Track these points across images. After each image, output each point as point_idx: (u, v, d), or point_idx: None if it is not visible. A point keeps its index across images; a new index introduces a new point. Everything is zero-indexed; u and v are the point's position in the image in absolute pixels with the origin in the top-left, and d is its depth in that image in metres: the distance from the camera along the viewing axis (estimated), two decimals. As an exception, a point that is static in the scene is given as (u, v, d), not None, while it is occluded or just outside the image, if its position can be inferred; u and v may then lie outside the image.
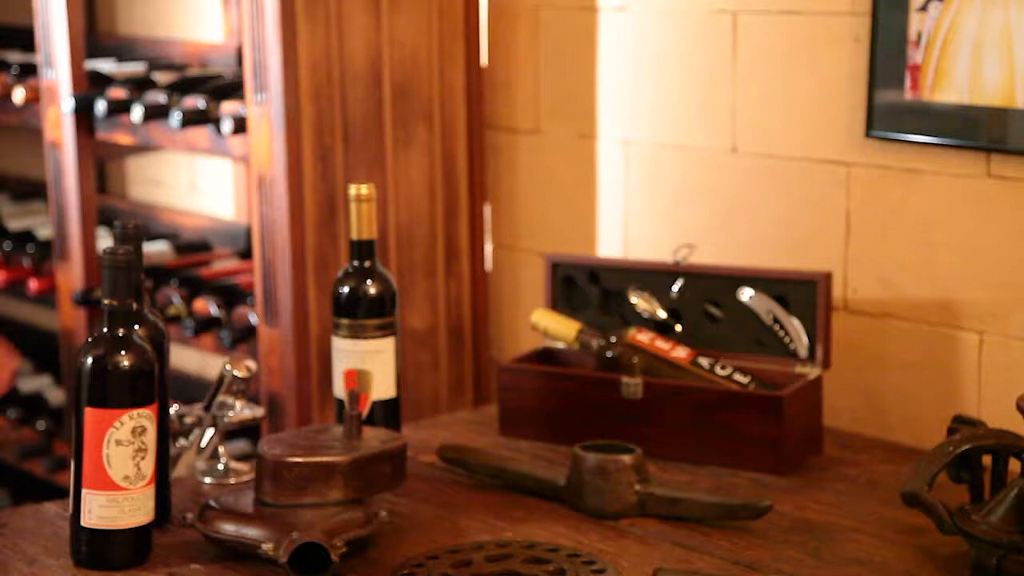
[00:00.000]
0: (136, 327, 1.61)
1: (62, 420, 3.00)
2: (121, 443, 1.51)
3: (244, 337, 2.45)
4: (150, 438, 1.53)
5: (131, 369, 1.52)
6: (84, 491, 1.52)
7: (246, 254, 2.80)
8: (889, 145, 1.99)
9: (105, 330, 1.53)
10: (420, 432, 2.02)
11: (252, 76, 2.30)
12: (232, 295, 2.55)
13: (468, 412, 2.26)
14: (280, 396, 2.35)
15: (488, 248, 2.57)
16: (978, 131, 1.88)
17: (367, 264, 1.83)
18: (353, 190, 1.83)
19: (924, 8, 1.90)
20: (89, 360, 1.52)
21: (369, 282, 1.83)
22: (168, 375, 1.67)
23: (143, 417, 1.52)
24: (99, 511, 1.52)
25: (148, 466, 1.53)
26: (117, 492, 1.51)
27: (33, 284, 2.82)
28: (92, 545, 1.53)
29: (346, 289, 1.83)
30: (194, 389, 2.77)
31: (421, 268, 2.47)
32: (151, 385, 1.54)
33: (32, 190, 3.18)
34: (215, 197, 3.09)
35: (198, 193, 3.13)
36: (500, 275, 2.59)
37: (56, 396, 3.08)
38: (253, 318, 2.45)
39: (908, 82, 1.93)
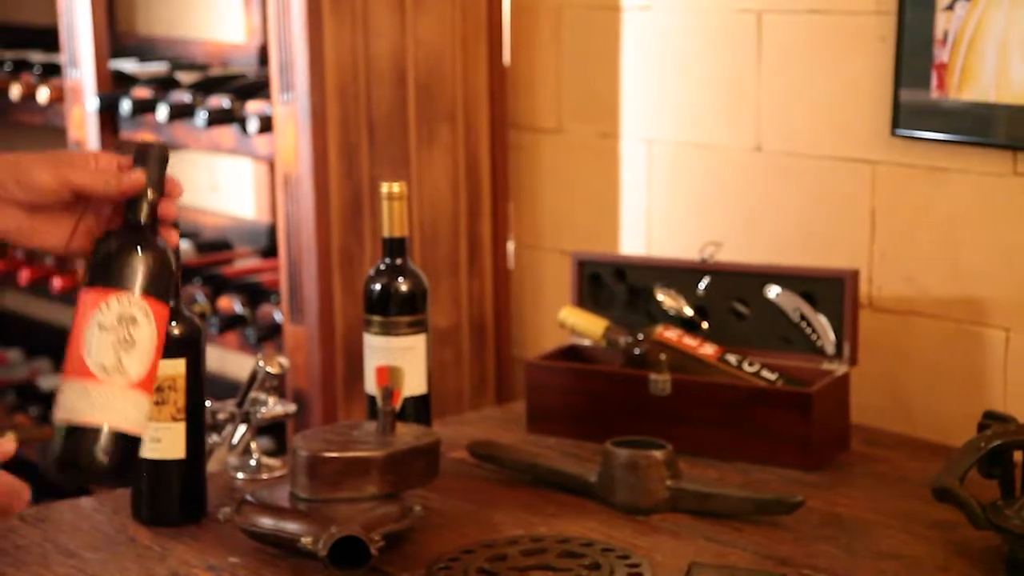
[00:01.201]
0: (172, 322, 1.62)
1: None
2: (104, 328, 1.28)
3: (269, 335, 2.47)
4: (142, 334, 1.29)
5: (133, 252, 1.30)
6: (61, 381, 1.31)
7: (267, 253, 2.82)
8: (914, 144, 2.00)
9: (128, 216, 1.33)
10: (447, 429, 2.03)
11: (278, 75, 2.31)
12: (255, 293, 2.56)
13: (494, 409, 2.27)
14: (306, 393, 2.37)
15: (510, 246, 2.59)
16: (1004, 130, 1.89)
17: (399, 261, 1.85)
18: (385, 188, 1.84)
19: (951, 7, 1.91)
20: (99, 242, 1.33)
21: (401, 279, 1.84)
22: (205, 374, 1.69)
23: (134, 306, 1.29)
24: (69, 402, 1.28)
25: (134, 365, 1.29)
26: (88, 381, 1.27)
27: (57, 282, 2.84)
28: (62, 445, 1.28)
29: (378, 286, 1.84)
30: (216, 387, 2.78)
31: (444, 266, 2.49)
32: (158, 279, 1.31)
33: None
34: (235, 196, 3.10)
35: (218, 192, 3.15)
36: (522, 273, 2.60)
37: (77, 394, 3.09)
38: (278, 316, 2.47)
39: (934, 81, 1.94)
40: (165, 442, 1.64)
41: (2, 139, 3.40)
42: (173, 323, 1.63)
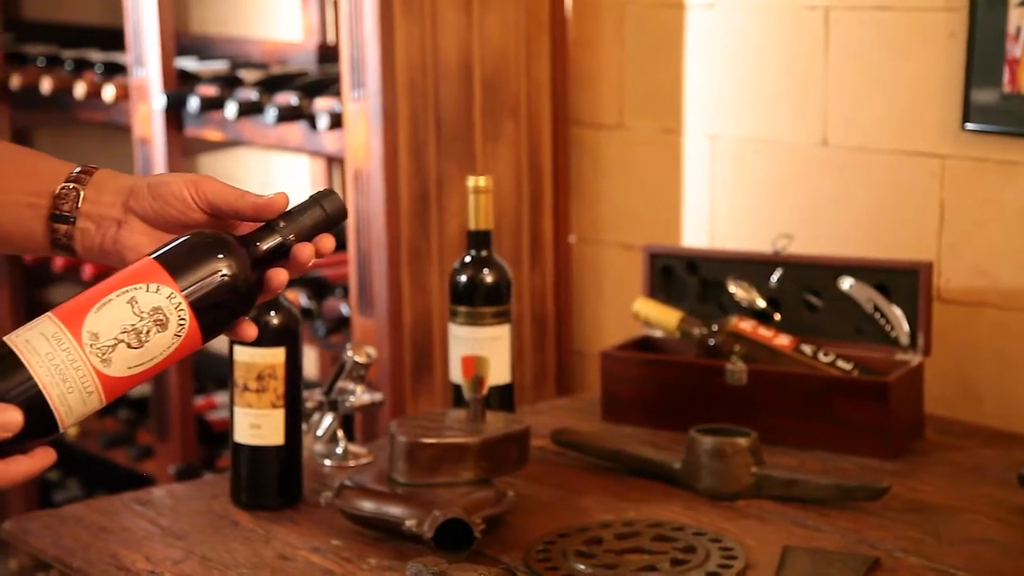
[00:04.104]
0: (272, 312, 1.66)
1: (144, 409, 3.06)
2: (131, 305, 1.10)
3: (337, 328, 2.51)
4: (157, 343, 1.11)
5: (221, 265, 1.14)
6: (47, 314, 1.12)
7: (328, 248, 2.85)
8: (984, 138, 2.04)
9: (249, 235, 1.19)
10: (524, 418, 2.06)
11: (349, 73, 2.35)
12: (320, 287, 2.60)
13: (566, 399, 2.30)
14: (374, 385, 2.40)
15: (572, 241, 2.62)
16: (1076, 124, 1.92)
17: (484, 253, 1.89)
18: (471, 181, 1.88)
19: (1023, 3, 1.95)
20: (204, 232, 1.18)
21: (486, 271, 1.88)
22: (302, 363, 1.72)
23: (176, 313, 1.11)
24: (32, 334, 1.09)
25: (122, 362, 1.10)
26: (68, 333, 1.09)
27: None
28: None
29: (464, 278, 1.88)
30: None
31: (507, 260, 2.52)
32: (219, 309, 1.14)
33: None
34: (290, 194, 3.14)
35: (272, 190, 3.18)
36: (582, 268, 2.63)
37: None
38: (344, 309, 2.50)
39: (1006, 76, 1.98)
40: (265, 428, 1.68)
41: (65, 137, 3.45)
42: (272, 313, 1.67)
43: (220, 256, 1.15)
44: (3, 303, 3.24)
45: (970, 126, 2.03)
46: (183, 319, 1.12)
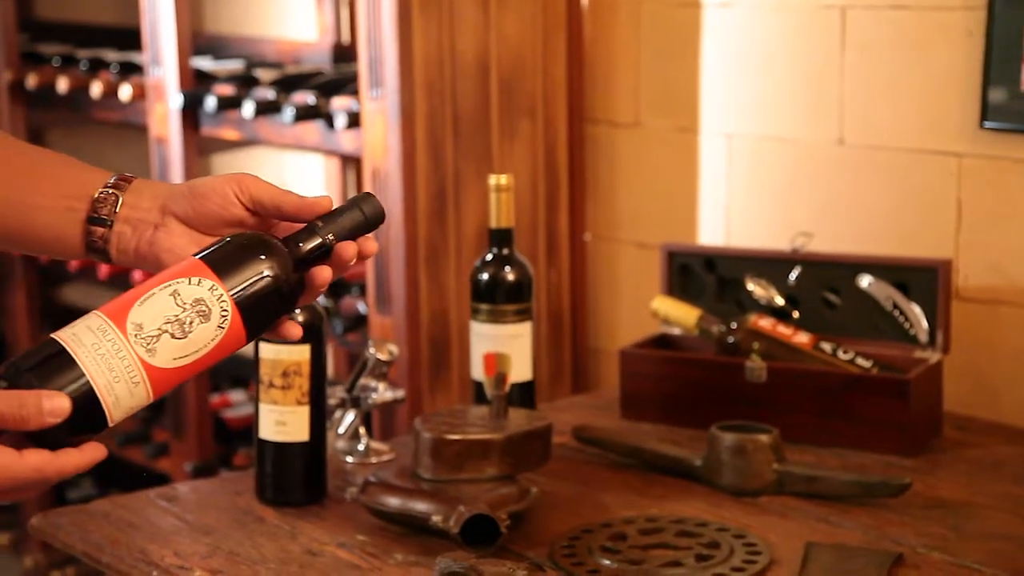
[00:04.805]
0: (297, 310, 1.67)
1: (160, 407, 3.07)
2: (174, 297, 1.12)
3: (355, 326, 2.52)
4: (200, 335, 1.12)
5: (262, 264, 1.15)
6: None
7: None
8: (1002, 136, 2.05)
9: (290, 236, 1.20)
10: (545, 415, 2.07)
11: (367, 72, 2.36)
12: (337, 285, 2.61)
13: (584, 396, 2.32)
14: (392, 382, 2.41)
15: (587, 239, 2.63)
16: (1094, 122, 1.93)
17: (505, 251, 1.90)
18: (493, 180, 1.89)
19: (1041, 2, 1.96)
20: (244, 234, 1.19)
21: (508, 268, 1.89)
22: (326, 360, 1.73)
23: (219, 304, 1.13)
24: (78, 328, 1.11)
25: (167, 351, 1.11)
26: (114, 324, 1.11)
27: (138, 274, 2.89)
28: (33, 351, 1.11)
29: (486, 275, 1.89)
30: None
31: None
32: (262, 306, 1.15)
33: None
34: (303, 193, 3.15)
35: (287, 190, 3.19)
36: (597, 266, 2.64)
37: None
38: (361, 307, 2.51)
39: (1024, 75, 1.99)
40: (290, 425, 1.69)
41: (78, 136, 3.47)
42: (297, 310, 1.68)
43: (263, 256, 1.16)
44: (19, 302, 3.25)
45: (988, 124, 2.04)
46: (225, 311, 1.13)
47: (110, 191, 1.21)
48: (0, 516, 3.51)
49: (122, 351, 1.10)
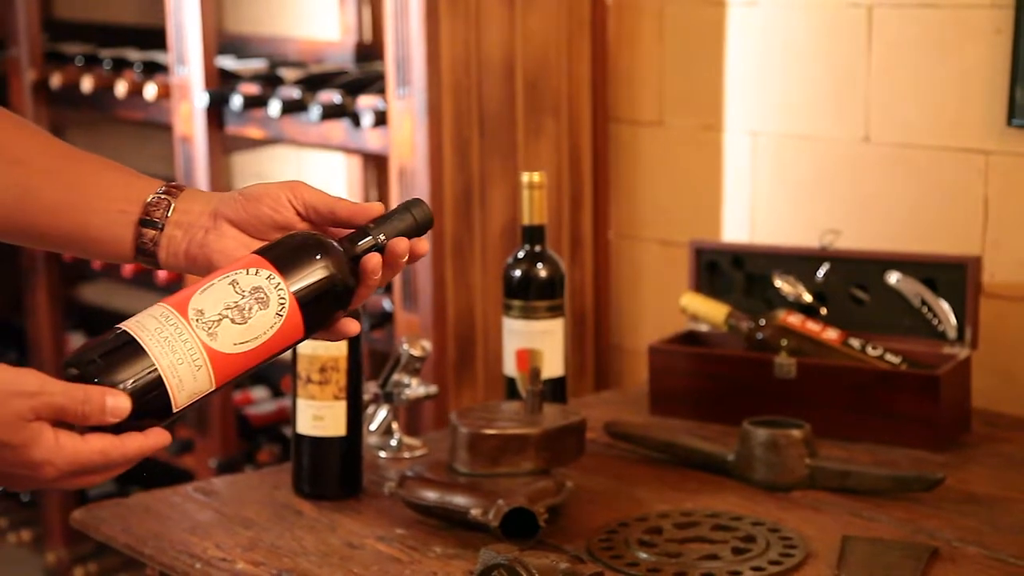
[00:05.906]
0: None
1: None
2: (233, 285, 1.15)
3: (381, 323, 2.53)
4: (260, 321, 1.15)
5: (319, 261, 1.17)
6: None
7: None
8: (1030, 134, 2.06)
9: (345, 237, 1.23)
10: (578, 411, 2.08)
11: (394, 71, 2.37)
12: (361, 283, 2.62)
13: (612, 393, 2.33)
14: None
15: (611, 237, 2.64)
16: (1122, 119, 1.94)
17: (537, 248, 1.91)
18: (526, 177, 1.90)
19: (1069, 0, 1.97)
20: (301, 232, 1.22)
21: (540, 265, 1.90)
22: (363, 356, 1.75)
23: (276, 292, 1.15)
24: (143, 316, 1.13)
25: (228, 335, 1.13)
26: (175, 314, 1.13)
27: (162, 274, 2.90)
28: (99, 342, 1.12)
29: (518, 272, 1.90)
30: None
31: (548, 257, 2.55)
32: (319, 300, 1.17)
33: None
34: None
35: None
36: (621, 264, 2.66)
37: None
38: (387, 304, 2.53)
39: (1052, 72, 2.00)
40: (328, 420, 1.71)
41: (105, 135, 3.48)
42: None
43: (319, 253, 1.19)
44: (41, 299, 3.27)
45: (1015, 122, 2.05)
46: (283, 299, 1.16)
47: (163, 196, 1.24)
48: (22, 513, 3.53)
49: (184, 334, 1.12)
